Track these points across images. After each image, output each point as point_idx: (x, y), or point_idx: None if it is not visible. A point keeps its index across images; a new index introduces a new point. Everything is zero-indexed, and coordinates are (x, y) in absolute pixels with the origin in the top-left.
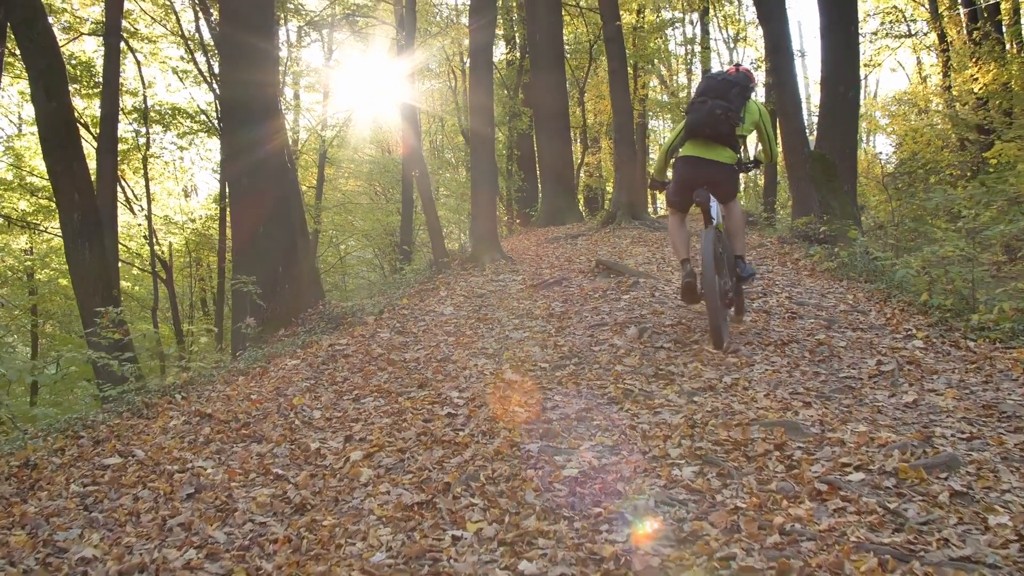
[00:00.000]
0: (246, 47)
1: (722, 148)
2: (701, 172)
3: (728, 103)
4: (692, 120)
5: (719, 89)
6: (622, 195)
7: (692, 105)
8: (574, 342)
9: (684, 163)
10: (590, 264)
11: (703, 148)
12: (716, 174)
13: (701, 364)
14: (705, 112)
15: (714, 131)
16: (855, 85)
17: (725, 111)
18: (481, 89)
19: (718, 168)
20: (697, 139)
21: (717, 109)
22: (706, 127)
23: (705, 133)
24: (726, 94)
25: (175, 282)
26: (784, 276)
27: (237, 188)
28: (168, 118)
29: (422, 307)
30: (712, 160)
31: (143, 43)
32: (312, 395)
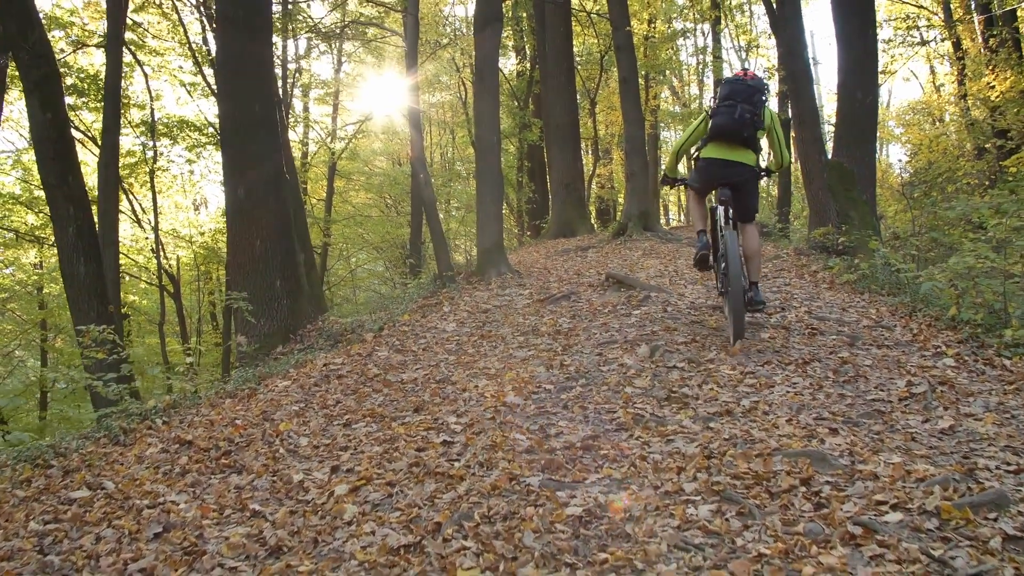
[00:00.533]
0: (244, 55)
1: (746, 151)
2: (726, 172)
3: (754, 107)
4: (720, 123)
5: (745, 94)
6: (634, 206)
7: (719, 109)
8: (581, 361)
9: (709, 164)
10: (600, 277)
11: (728, 150)
12: (741, 175)
13: (717, 385)
14: (735, 116)
15: (739, 135)
16: (873, 91)
17: (752, 115)
18: (486, 95)
19: (743, 169)
20: (722, 142)
21: (746, 114)
22: (734, 131)
23: (732, 136)
24: (751, 98)
25: (184, 296)
26: (802, 289)
27: (234, 200)
28: (176, 131)
29: (424, 323)
30: (737, 162)
31: (151, 56)
32: (300, 420)
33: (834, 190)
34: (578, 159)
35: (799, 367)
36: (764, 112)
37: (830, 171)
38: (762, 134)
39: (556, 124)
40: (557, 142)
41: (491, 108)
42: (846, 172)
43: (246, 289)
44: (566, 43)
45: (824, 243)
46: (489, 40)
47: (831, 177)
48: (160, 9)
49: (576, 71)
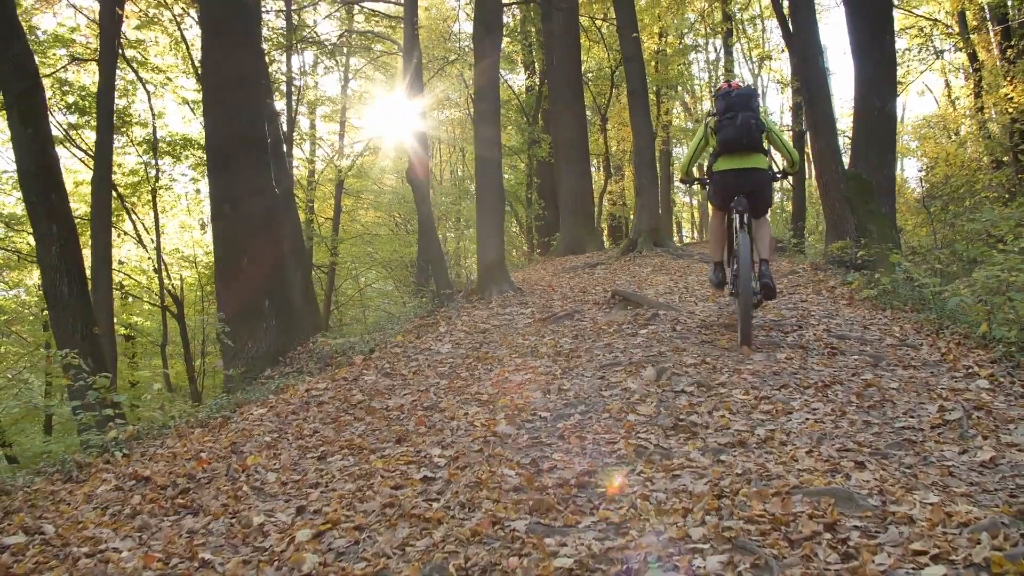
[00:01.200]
0: (229, 65)
1: (757, 155)
2: (743, 181)
3: (754, 112)
4: (728, 136)
5: (743, 101)
6: (643, 221)
7: (722, 123)
8: (581, 386)
9: (725, 176)
10: (606, 295)
11: (741, 159)
12: (758, 180)
13: (729, 412)
14: (739, 124)
15: (749, 141)
16: (891, 98)
17: (754, 119)
18: (486, 107)
19: (760, 174)
20: (733, 153)
21: (750, 119)
22: (743, 139)
23: (742, 145)
24: (749, 104)
25: (189, 317)
26: (820, 306)
27: (220, 216)
28: (179, 149)
29: (417, 345)
30: (752, 168)
31: (153, 73)
32: (271, 452)
33: (852, 202)
34: (587, 175)
35: (819, 391)
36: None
37: (848, 182)
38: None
39: (565, 139)
40: (566, 158)
41: (491, 120)
42: (864, 183)
43: (232, 309)
44: (574, 56)
45: (842, 257)
46: (489, 50)
47: (849, 188)
48: (161, 25)
49: (586, 86)
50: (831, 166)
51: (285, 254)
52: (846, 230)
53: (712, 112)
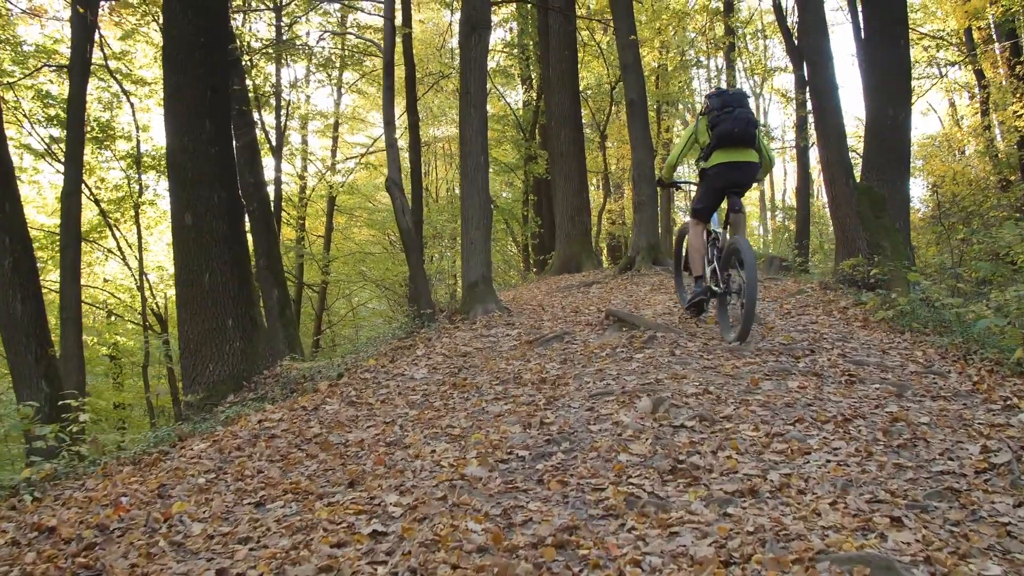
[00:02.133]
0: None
1: (751, 150)
2: (739, 174)
3: (748, 110)
4: (726, 128)
5: (739, 99)
6: (642, 238)
7: (719, 117)
8: (567, 418)
9: (720, 169)
10: (599, 315)
11: (737, 152)
12: (751, 174)
13: (737, 452)
14: (736, 119)
15: (746, 135)
16: (906, 107)
17: (750, 114)
18: (472, 110)
19: (752, 168)
20: (729, 146)
21: (746, 113)
22: (741, 133)
23: (739, 138)
24: (743, 102)
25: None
26: (832, 328)
27: (180, 227)
28: (164, 164)
29: (390, 369)
30: (747, 162)
31: (137, 85)
32: (203, 497)
33: (864, 217)
34: (584, 190)
35: (839, 426)
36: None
37: (859, 196)
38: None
39: (561, 152)
40: (562, 171)
41: (478, 124)
42: (877, 197)
43: (193, 329)
44: (571, 67)
45: (853, 276)
46: (476, 48)
47: (860, 203)
48: (147, 36)
49: (585, 103)
50: (842, 179)
51: (257, 271)
52: (858, 247)
53: (705, 111)
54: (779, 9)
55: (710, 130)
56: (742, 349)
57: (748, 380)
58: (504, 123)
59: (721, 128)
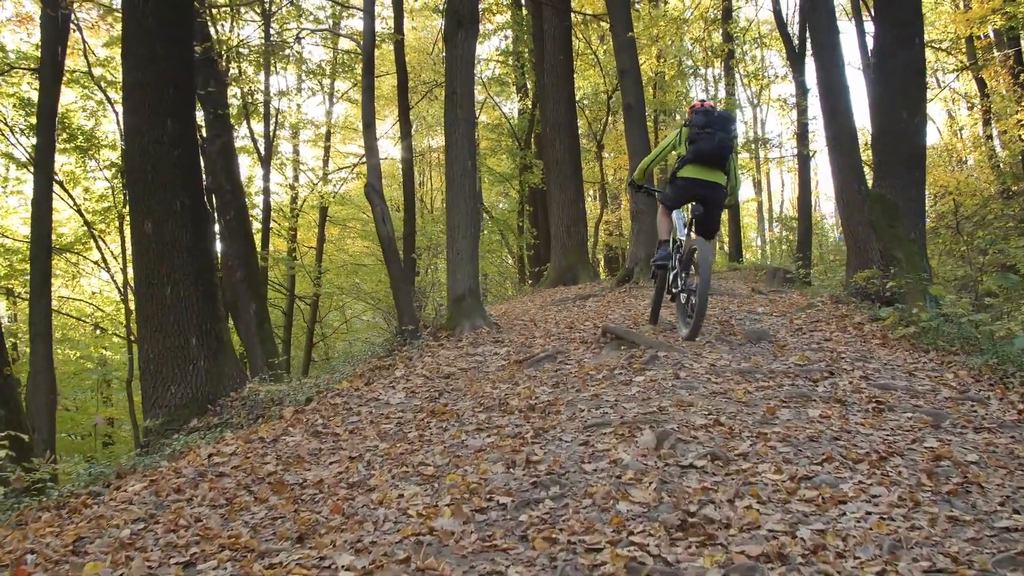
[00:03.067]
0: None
1: (720, 172)
2: (702, 191)
3: (728, 136)
4: (702, 148)
5: (721, 123)
6: (640, 249)
7: (700, 135)
8: (558, 455)
9: (688, 183)
10: (596, 332)
11: (705, 171)
12: (714, 193)
13: (758, 501)
14: (716, 142)
15: (719, 158)
16: (921, 110)
17: (728, 142)
18: (458, 111)
19: (717, 189)
20: (701, 164)
21: (726, 140)
22: (714, 155)
23: (711, 159)
24: (726, 127)
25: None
26: (849, 346)
27: (140, 236)
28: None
29: (365, 393)
30: (712, 182)
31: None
32: (123, 556)
33: (877, 226)
34: (580, 199)
35: (875, 466)
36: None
37: (872, 204)
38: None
39: (556, 160)
40: (558, 180)
41: (465, 126)
42: (890, 205)
43: (154, 347)
44: (566, 72)
45: (866, 289)
46: (462, 45)
47: (873, 211)
48: None
49: (581, 111)
50: (853, 185)
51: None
52: (870, 258)
53: (687, 123)
54: (779, 15)
55: (688, 144)
56: (755, 371)
57: (764, 408)
58: (499, 132)
59: (698, 146)
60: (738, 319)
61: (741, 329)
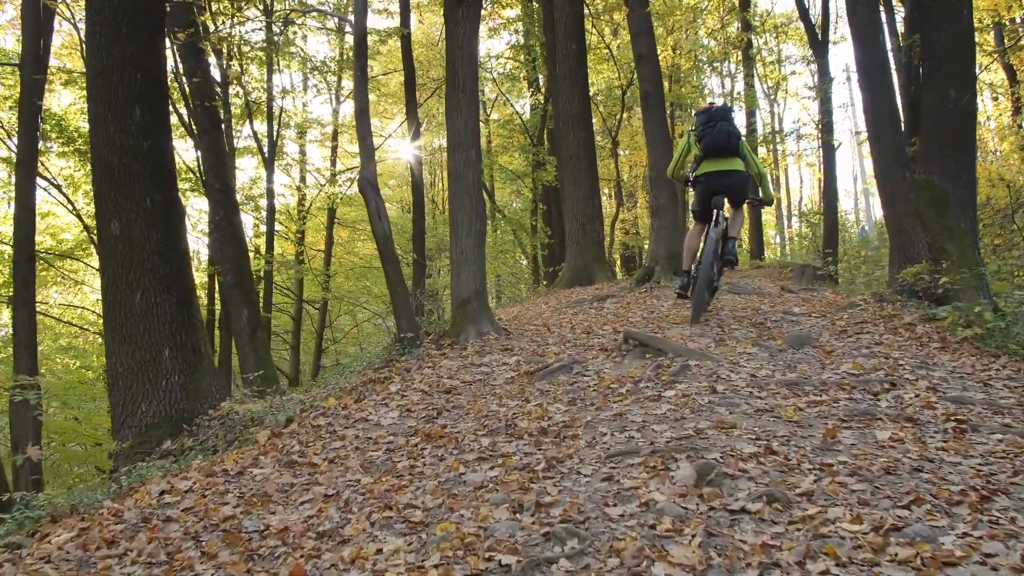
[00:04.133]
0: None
1: (735, 159)
2: (723, 182)
3: (730, 123)
4: (709, 142)
5: (721, 114)
6: (661, 247)
7: (704, 131)
8: (575, 494)
9: (708, 177)
10: (616, 337)
11: (721, 162)
12: (734, 180)
13: (836, 563)
14: (718, 133)
15: (727, 146)
16: (971, 88)
17: (732, 128)
18: (460, 96)
19: (736, 175)
20: (714, 157)
21: (728, 127)
22: (721, 144)
23: (722, 149)
24: (726, 116)
25: None
26: (904, 351)
27: (106, 237)
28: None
29: (353, 412)
30: (730, 170)
31: None
32: None
33: (924, 216)
34: (596, 195)
35: (976, 509)
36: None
37: (918, 192)
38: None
39: (570, 155)
40: (571, 175)
41: (468, 112)
42: (938, 193)
43: (123, 360)
44: (579, 63)
45: (914, 286)
46: (464, 23)
47: (920, 200)
48: None
49: (596, 107)
50: (897, 173)
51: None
52: (917, 251)
53: (693, 128)
54: (800, 1)
55: (698, 143)
56: (803, 383)
57: (821, 430)
58: (511, 129)
59: (706, 141)
60: (773, 320)
61: (779, 332)
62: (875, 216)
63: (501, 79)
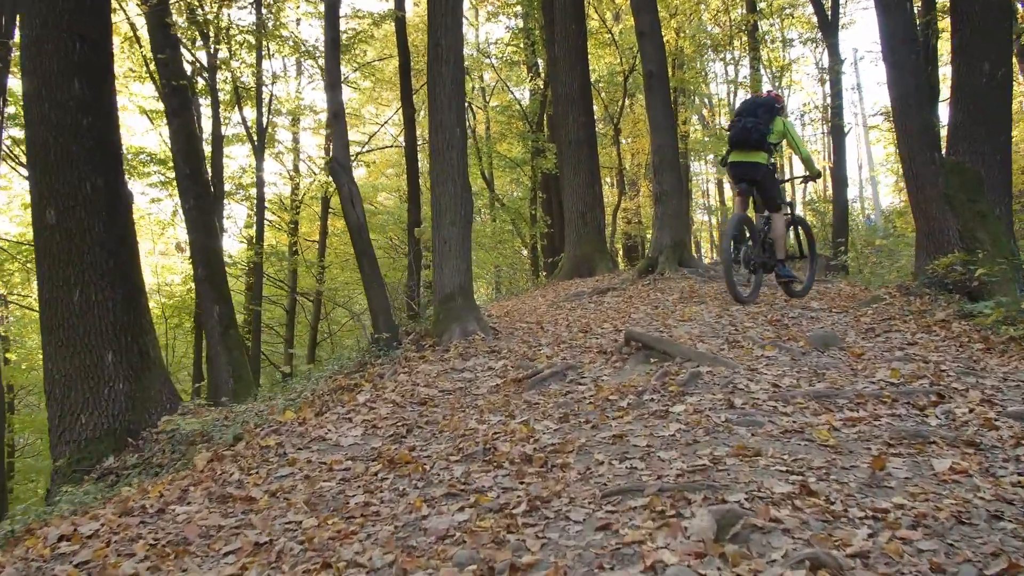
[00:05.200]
0: (56, 9)
1: (756, 152)
2: (743, 171)
3: (756, 118)
4: (732, 136)
5: (748, 109)
6: (665, 235)
7: (732, 124)
8: (561, 552)
9: (732, 166)
10: (616, 337)
11: (742, 154)
12: (753, 171)
13: None
14: (738, 129)
15: (747, 140)
16: (1006, 61)
17: (754, 124)
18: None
19: (755, 167)
20: (737, 149)
21: (748, 124)
22: (740, 139)
23: (742, 143)
24: (754, 111)
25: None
26: (944, 353)
27: (41, 227)
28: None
29: (312, 428)
30: (749, 161)
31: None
32: None
33: (954, 201)
34: (596, 182)
35: None
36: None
37: (948, 174)
38: (773, 137)
39: (569, 141)
40: (571, 162)
41: (452, 86)
42: (970, 176)
43: (60, 364)
44: (579, 43)
45: (945, 278)
46: None
47: (950, 184)
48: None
49: (597, 94)
50: (925, 153)
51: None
52: (947, 240)
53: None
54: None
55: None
56: (835, 395)
57: (865, 458)
58: (509, 115)
59: (731, 134)
60: (791, 318)
61: (799, 331)
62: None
63: (500, 65)
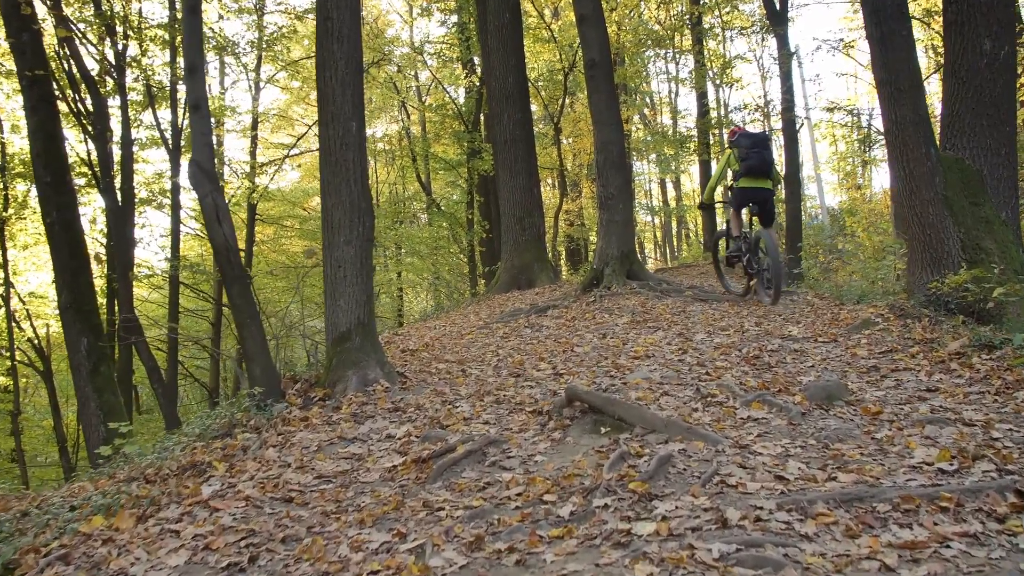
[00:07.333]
0: None
1: (767, 180)
2: (756, 195)
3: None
4: (753, 164)
5: (763, 142)
6: (611, 245)
7: (749, 154)
8: None
9: (744, 191)
10: (556, 390)
11: (756, 181)
12: (765, 195)
13: None
14: (762, 159)
15: (765, 170)
16: (1010, 39)
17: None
18: (334, 40)
19: (768, 192)
20: (752, 176)
21: (768, 157)
22: (762, 169)
23: (760, 172)
24: (768, 146)
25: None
26: (982, 405)
27: None
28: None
29: (119, 547)
30: (763, 187)
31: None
32: None
33: (953, 205)
34: (535, 184)
35: None
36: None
37: (946, 173)
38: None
39: (505, 140)
40: (507, 162)
41: (346, 69)
42: (970, 174)
43: None
44: (513, 33)
45: (947, 297)
46: None
47: (948, 183)
48: None
49: (536, 92)
50: (919, 147)
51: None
52: (947, 250)
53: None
54: None
55: (740, 161)
56: (870, 496)
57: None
58: (443, 114)
59: (749, 163)
60: (771, 352)
61: (787, 375)
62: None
63: (436, 64)
